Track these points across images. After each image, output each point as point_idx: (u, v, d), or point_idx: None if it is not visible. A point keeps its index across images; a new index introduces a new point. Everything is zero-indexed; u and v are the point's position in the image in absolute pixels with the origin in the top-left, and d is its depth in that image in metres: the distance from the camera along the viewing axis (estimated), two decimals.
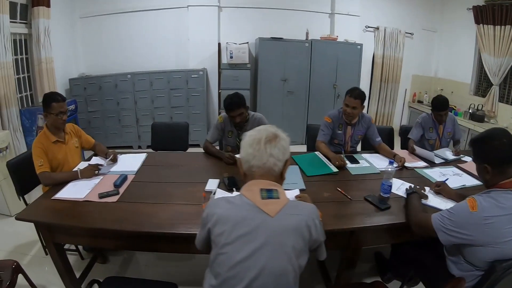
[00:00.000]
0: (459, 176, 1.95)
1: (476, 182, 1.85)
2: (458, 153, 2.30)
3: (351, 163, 2.06)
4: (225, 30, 4.36)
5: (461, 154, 2.30)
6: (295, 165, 1.97)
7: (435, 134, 2.54)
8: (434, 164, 2.14)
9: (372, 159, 2.17)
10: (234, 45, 4.12)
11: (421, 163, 2.14)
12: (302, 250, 0.90)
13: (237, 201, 0.91)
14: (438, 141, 2.56)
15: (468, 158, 2.26)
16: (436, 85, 4.99)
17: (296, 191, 1.59)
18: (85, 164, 1.88)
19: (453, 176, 1.92)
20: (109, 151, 2.02)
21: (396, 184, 1.73)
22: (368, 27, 4.69)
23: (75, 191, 1.61)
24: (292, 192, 1.55)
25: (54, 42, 3.47)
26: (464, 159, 2.25)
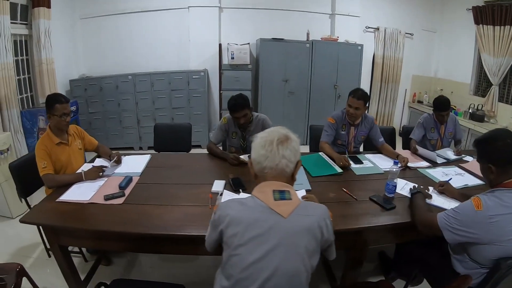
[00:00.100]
0: (462, 176, 1.96)
1: (479, 182, 1.86)
2: (460, 153, 2.32)
3: (355, 164, 2.07)
4: (226, 31, 4.35)
5: (463, 154, 2.31)
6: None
7: (437, 134, 2.55)
8: (437, 164, 2.15)
9: (376, 160, 2.17)
10: (235, 46, 4.11)
11: (424, 163, 2.15)
12: (314, 251, 0.91)
13: (250, 203, 0.91)
14: (440, 141, 2.57)
15: (470, 158, 2.28)
16: (436, 85, 5.00)
17: (302, 192, 1.60)
18: (89, 166, 1.87)
19: (456, 176, 1.93)
20: (113, 153, 2.00)
21: (400, 184, 1.74)
22: (368, 28, 4.70)
23: (80, 193, 1.60)
24: (299, 193, 1.55)
25: (55, 43, 3.45)
26: (466, 159, 2.27)
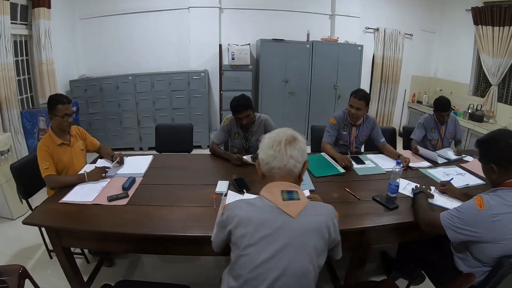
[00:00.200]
0: (462, 176, 1.98)
1: (479, 181, 1.87)
2: (460, 153, 2.33)
3: (357, 164, 2.08)
4: (226, 32, 4.35)
5: (463, 154, 2.33)
6: None
7: (437, 135, 2.56)
8: (437, 164, 2.16)
9: (377, 160, 2.18)
10: (236, 47, 4.12)
11: (425, 163, 2.17)
12: (322, 250, 0.92)
13: (258, 203, 0.92)
14: (440, 142, 2.58)
15: (470, 158, 2.29)
16: (435, 86, 5.02)
17: (306, 192, 1.60)
18: (91, 167, 1.87)
19: (457, 176, 1.95)
20: (115, 154, 1.99)
21: (402, 184, 1.74)
22: (368, 28, 4.72)
23: (83, 194, 1.59)
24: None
25: (54, 44, 3.44)
26: (466, 159, 2.28)
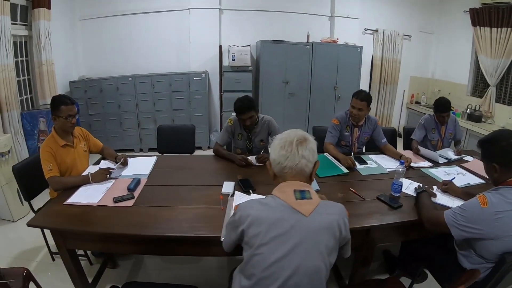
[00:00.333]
0: (463, 175, 2.00)
1: (480, 181, 1.90)
2: (460, 153, 2.36)
3: (360, 164, 2.09)
4: (226, 33, 4.36)
5: (463, 154, 2.36)
6: None
7: (437, 135, 2.59)
8: (438, 164, 2.19)
9: (379, 160, 2.20)
10: (236, 48, 4.12)
11: (426, 163, 2.19)
12: (334, 248, 0.93)
13: (271, 203, 0.93)
14: (440, 142, 2.61)
15: (470, 158, 2.32)
16: (434, 86, 5.06)
17: None
18: (95, 168, 1.86)
19: (457, 175, 1.97)
20: (119, 155, 1.99)
21: (405, 184, 1.76)
22: (367, 30, 4.75)
23: (88, 196, 1.58)
24: None
25: (54, 44, 3.42)
26: (466, 159, 2.31)
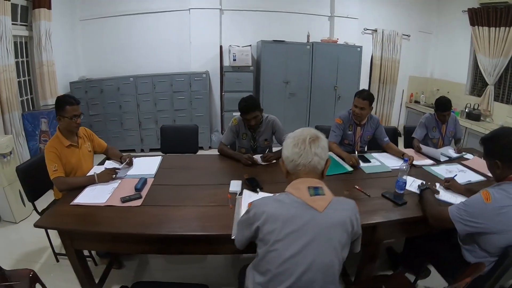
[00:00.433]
0: (464, 173, 2.03)
1: (481, 178, 1.94)
2: (460, 151, 2.39)
3: (363, 162, 2.11)
4: (227, 33, 4.37)
5: (463, 152, 2.39)
6: None
7: (438, 133, 2.62)
8: (440, 162, 2.21)
9: (382, 158, 2.22)
10: (237, 48, 4.13)
11: (428, 161, 2.21)
12: (346, 243, 0.95)
13: (285, 200, 0.94)
14: (441, 140, 2.64)
15: (470, 156, 2.36)
16: (433, 86, 5.11)
17: None
18: (100, 168, 1.86)
19: (459, 173, 2.00)
20: (124, 155, 1.98)
21: (408, 181, 1.78)
22: (367, 30, 4.78)
23: (94, 196, 1.58)
24: None
25: (55, 45, 3.41)
26: (467, 157, 2.34)
